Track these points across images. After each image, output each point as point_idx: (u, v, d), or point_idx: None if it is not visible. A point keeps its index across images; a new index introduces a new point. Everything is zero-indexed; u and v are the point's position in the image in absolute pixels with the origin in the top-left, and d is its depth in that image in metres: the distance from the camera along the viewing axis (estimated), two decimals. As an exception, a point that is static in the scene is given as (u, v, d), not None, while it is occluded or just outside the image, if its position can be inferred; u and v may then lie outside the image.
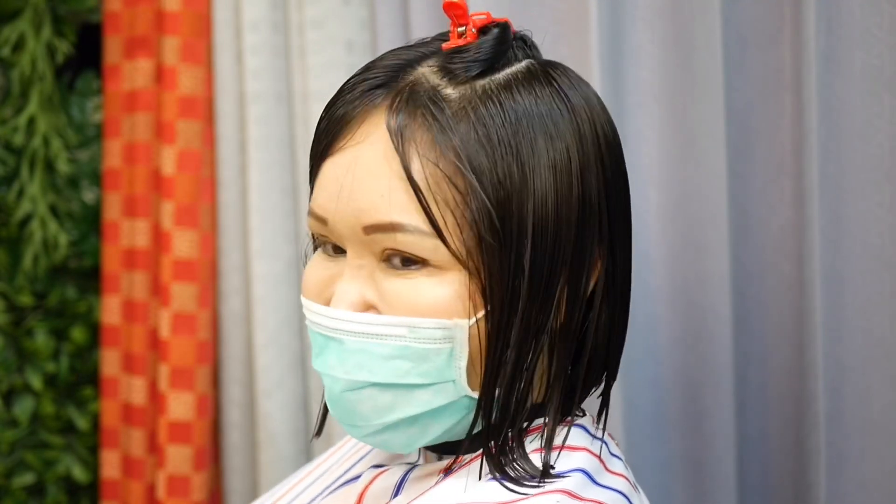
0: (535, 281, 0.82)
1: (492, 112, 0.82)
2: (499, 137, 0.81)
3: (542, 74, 0.86)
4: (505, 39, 0.86)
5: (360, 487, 0.92)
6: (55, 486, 1.64)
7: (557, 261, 0.83)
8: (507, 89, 0.83)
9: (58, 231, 1.60)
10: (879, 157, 1.17)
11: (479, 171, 0.81)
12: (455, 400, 0.84)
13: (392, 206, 0.81)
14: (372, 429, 0.85)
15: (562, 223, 0.82)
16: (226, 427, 1.58)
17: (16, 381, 1.62)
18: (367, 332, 0.82)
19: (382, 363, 0.82)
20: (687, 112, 1.24)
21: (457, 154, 0.81)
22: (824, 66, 1.17)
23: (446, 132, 0.81)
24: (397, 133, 0.81)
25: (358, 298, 0.84)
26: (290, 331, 1.52)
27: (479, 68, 0.84)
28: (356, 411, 0.85)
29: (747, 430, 1.26)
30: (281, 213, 1.51)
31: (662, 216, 1.26)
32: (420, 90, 0.83)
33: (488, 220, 0.81)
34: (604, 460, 0.87)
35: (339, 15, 1.45)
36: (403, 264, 0.82)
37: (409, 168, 0.81)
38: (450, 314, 0.81)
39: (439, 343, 0.82)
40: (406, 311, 0.82)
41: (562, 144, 0.83)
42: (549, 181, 0.82)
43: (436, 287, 0.82)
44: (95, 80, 1.65)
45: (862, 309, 1.19)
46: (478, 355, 0.83)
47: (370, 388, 0.83)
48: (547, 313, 0.83)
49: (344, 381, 0.84)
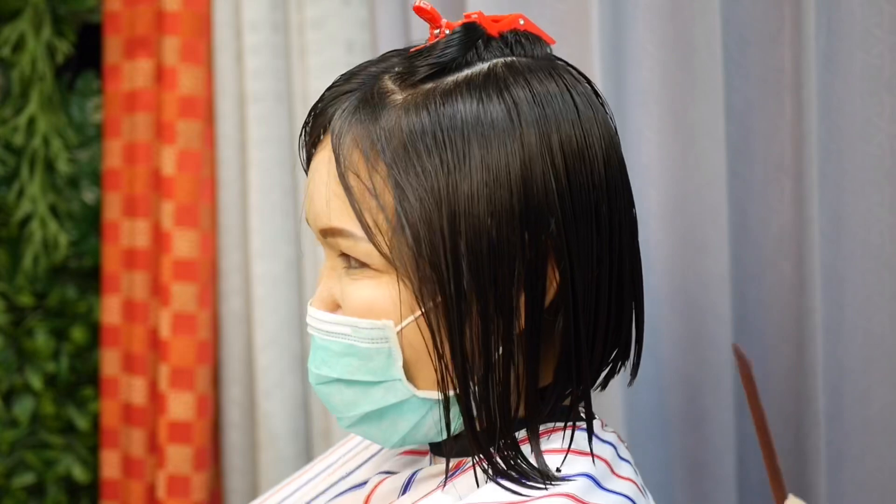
0: (478, 287, 0.81)
1: (423, 119, 0.81)
2: (426, 146, 0.81)
3: (500, 77, 0.84)
4: (467, 41, 0.85)
5: (367, 491, 0.93)
6: (55, 486, 1.64)
7: (502, 266, 0.82)
8: (449, 94, 0.82)
9: (58, 231, 1.60)
10: (879, 157, 1.17)
11: (405, 180, 0.81)
12: (406, 399, 0.86)
13: (332, 211, 0.84)
14: (348, 420, 0.88)
15: (501, 229, 0.81)
16: (226, 427, 1.58)
17: (16, 381, 1.62)
18: (326, 330, 0.86)
19: (337, 360, 0.86)
20: (687, 112, 1.24)
21: (384, 163, 0.82)
22: (824, 66, 1.17)
23: (377, 141, 0.82)
24: (337, 138, 0.84)
25: (329, 298, 0.88)
26: (290, 331, 1.52)
27: (427, 71, 0.84)
28: (330, 403, 0.89)
29: (747, 430, 1.26)
30: (281, 213, 1.51)
31: (662, 216, 1.26)
32: (369, 95, 0.84)
33: (414, 230, 0.81)
34: (611, 464, 0.87)
35: (339, 15, 1.45)
36: (353, 266, 0.85)
37: (344, 174, 0.83)
38: (383, 315, 0.84)
39: (377, 343, 0.84)
40: (352, 312, 0.85)
41: (497, 149, 0.81)
42: (482, 187, 0.81)
43: (373, 289, 0.84)
44: (95, 80, 1.65)
45: (862, 309, 1.19)
46: (420, 358, 0.84)
47: (336, 383, 0.87)
48: (506, 319, 0.82)
49: (315, 374, 0.88)
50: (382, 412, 0.87)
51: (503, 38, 0.87)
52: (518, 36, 0.88)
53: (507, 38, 0.88)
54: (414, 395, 0.85)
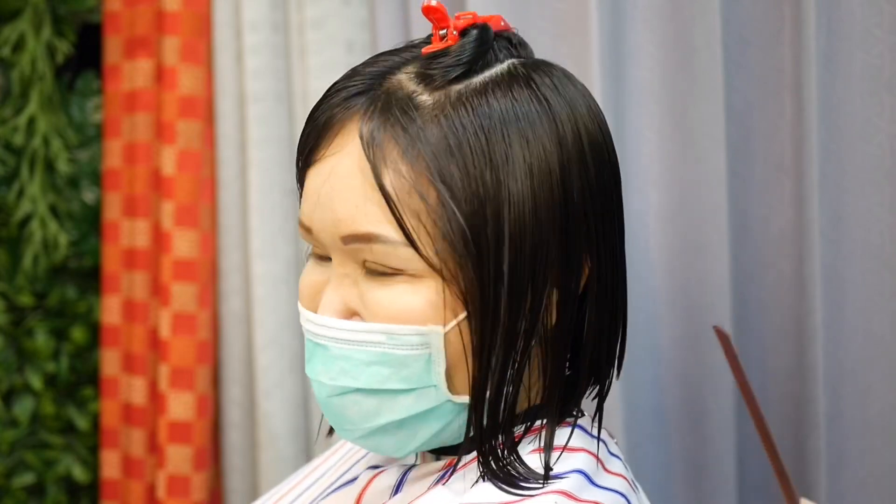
0: (517, 286, 0.82)
1: (464, 119, 0.81)
2: (470, 146, 0.81)
3: (523, 76, 0.85)
4: (485, 41, 0.85)
5: (359, 489, 0.92)
6: (55, 486, 1.64)
7: (541, 265, 0.82)
8: (482, 94, 0.82)
9: (58, 231, 1.60)
10: (879, 157, 1.17)
11: (450, 181, 0.80)
12: (438, 405, 0.85)
13: (366, 216, 0.82)
14: (361, 432, 0.86)
15: (542, 228, 0.82)
16: (226, 427, 1.58)
17: (16, 381, 1.62)
18: (349, 339, 0.84)
19: (363, 369, 0.84)
20: (687, 112, 1.24)
21: (427, 164, 0.81)
22: (824, 66, 1.17)
23: (417, 142, 0.81)
24: (369, 143, 0.82)
25: (342, 306, 0.85)
26: (290, 331, 1.52)
27: (455, 73, 0.83)
28: (344, 416, 0.86)
29: (747, 430, 1.26)
30: (281, 213, 1.51)
31: (662, 216, 1.26)
32: (395, 98, 0.83)
33: (460, 231, 0.80)
34: (602, 460, 0.87)
35: (339, 15, 1.45)
36: (382, 273, 0.83)
37: (381, 178, 0.81)
38: (425, 321, 0.82)
39: (417, 349, 0.83)
40: (384, 319, 0.83)
41: (539, 148, 0.82)
42: (527, 186, 0.81)
43: (412, 295, 0.82)
44: (95, 80, 1.65)
45: (862, 309, 1.19)
46: (459, 361, 0.83)
47: (354, 393, 0.85)
48: (534, 317, 0.83)
49: (329, 386, 0.85)
50: (403, 421, 0.85)
51: (507, 39, 0.88)
52: (518, 37, 0.90)
53: (509, 39, 0.88)
54: (448, 399, 0.85)
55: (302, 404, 1.53)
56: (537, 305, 0.83)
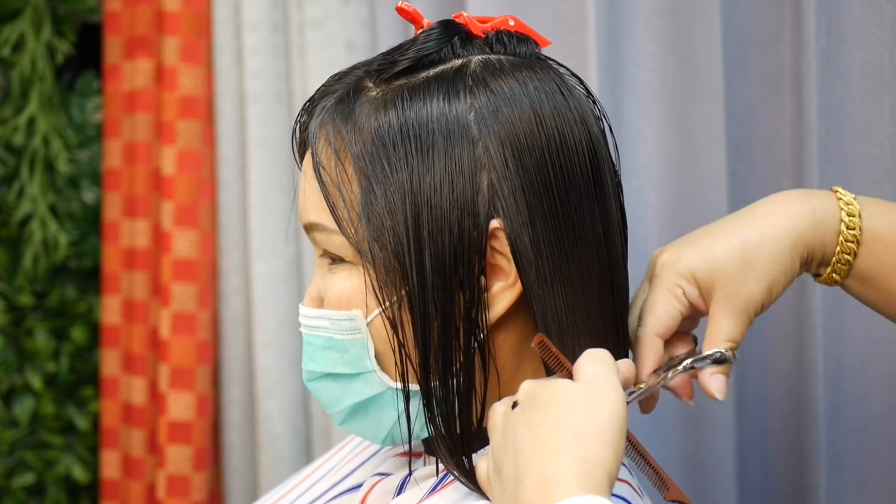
0: (441, 278, 0.82)
1: (390, 114, 0.84)
2: (392, 139, 0.83)
3: (471, 74, 0.85)
4: (442, 37, 0.86)
5: (363, 493, 0.93)
6: (55, 486, 1.64)
7: (462, 258, 0.82)
8: (417, 89, 0.84)
9: (58, 231, 1.60)
10: (879, 157, 1.17)
11: (372, 171, 0.83)
12: (382, 391, 0.87)
13: (312, 206, 0.87)
14: (339, 416, 0.90)
15: (464, 222, 0.82)
16: (226, 427, 1.58)
17: (16, 381, 1.62)
18: (308, 325, 0.89)
19: (320, 353, 0.88)
20: (687, 112, 1.24)
21: (358, 156, 0.83)
22: (824, 66, 1.17)
23: (354, 134, 0.84)
24: (312, 135, 0.86)
25: (316, 293, 0.90)
26: (290, 331, 1.52)
27: (399, 66, 0.86)
28: (320, 399, 0.90)
29: (747, 430, 1.26)
30: (281, 213, 1.51)
31: (662, 216, 1.26)
32: (349, 93, 0.86)
33: (378, 219, 0.83)
34: None
35: (339, 15, 1.45)
36: (332, 260, 0.87)
37: (319, 169, 0.85)
38: (354, 307, 0.85)
39: (352, 334, 0.86)
40: (330, 305, 0.87)
41: (461, 146, 0.83)
42: (444, 180, 0.82)
43: (346, 281, 0.86)
44: (95, 80, 1.65)
45: (862, 309, 1.19)
46: (387, 349, 0.85)
47: (323, 378, 0.89)
48: (470, 308, 0.83)
49: (304, 371, 0.90)
50: (367, 406, 0.88)
51: (486, 38, 0.88)
52: (501, 35, 0.89)
53: (489, 37, 0.88)
54: (388, 387, 0.87)
55: (302, 404, 1.53)
56: (470, 297, 0.83)
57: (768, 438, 1.27)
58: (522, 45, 0.89)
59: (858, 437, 1.20)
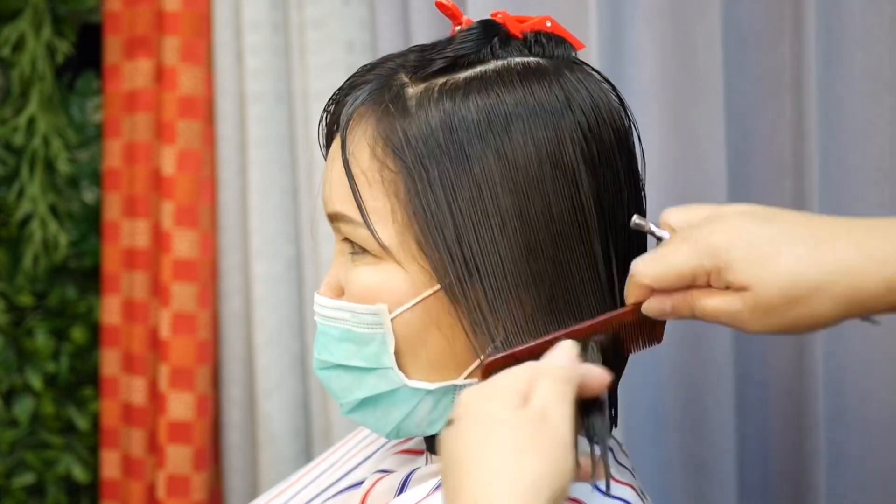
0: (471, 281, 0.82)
1: (431, 115, 0.82)
2: (435, 140, 0.82)
3: (509, 77, 0.85)
4: (482, 37, 0.86)
5: (364, 490, 0.93)
6: (55, 486, 1.64)
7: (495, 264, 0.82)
8: (458, 91, 0.83)
9: (58, 231, 1.60)
10: (879, 158, 1.17)
11: (414, 170, 0.82)
12: (397, 388, 0.86)
13: (338, 196, 0.85)
14: (347, 406, 0.89)
15: (506, 226, 0.82)
16: (226, 427, 1.58)
17: (16, 381, 1.62)
18: (326, 315, 0.88)
19: (336, 345, 0.87)
20: (687, 112, 1.24)
21: (394, 153, 0.83)
22: (824, 66, 1.17)
23: (390, 129, 0.83)
24: (345, 126, 0.85)
25: (335, 282, 0.89)
26: (290, 331, 1.52)
27: (440, 64, 0.85)
28: (330, 388, 0.90)
29: (747, 430, 1.26)
30: (281, 213, 1.51)
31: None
32: (385, 86, 0.85)
33: (420, 217, 0.82)
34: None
35: (339, 15, 1.45)
36: (356, 252, 0.86)
37: (349, 160, 0.84)
38: (379, 301, 0.84)
39: (373, 328, 0.85)
40: (353, 297, 0.86)
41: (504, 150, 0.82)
42: (487, 187, 0.82)
43: (371, 275, 0.85)
44: (95, 80, 1.65)
45: (862, 309, 1.19)
46: (410, 347, 0.85)
47: (336, 368, 0.88)
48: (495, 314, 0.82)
49: (317, 360, 0.89)
50: (377, 400, 0.87)
51: (524, 38, 0.88)
52: (539, 36, 0.89)
53: (527, 38, 0.88)
54: (405, 384, 0.86)
55: (302, 404, 1.53)
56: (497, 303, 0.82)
57: (768, 438, 1.27)
58: (559, 47, 0.89)
59: (858, 437, 1.20)
